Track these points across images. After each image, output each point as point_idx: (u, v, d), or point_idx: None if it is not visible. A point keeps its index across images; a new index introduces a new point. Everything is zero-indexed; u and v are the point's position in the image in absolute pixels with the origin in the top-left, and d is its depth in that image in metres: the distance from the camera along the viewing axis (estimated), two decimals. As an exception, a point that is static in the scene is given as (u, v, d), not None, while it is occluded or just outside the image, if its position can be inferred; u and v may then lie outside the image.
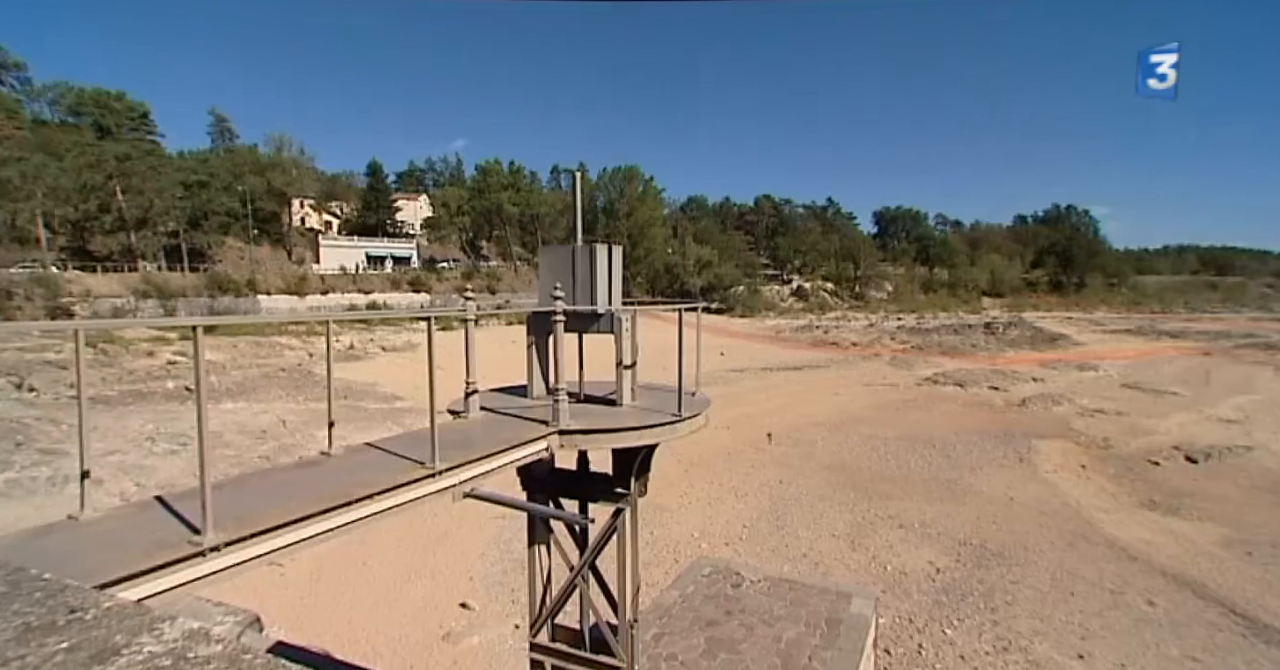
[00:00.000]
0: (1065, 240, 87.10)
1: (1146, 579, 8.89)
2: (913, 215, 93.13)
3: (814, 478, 13.66)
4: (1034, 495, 12.71)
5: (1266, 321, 53.56)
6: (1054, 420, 19.74)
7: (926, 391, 24.67)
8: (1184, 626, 7.56)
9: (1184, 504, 12.40)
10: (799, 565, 9.40)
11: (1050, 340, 40.81)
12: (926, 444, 16.50)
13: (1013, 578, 8.88)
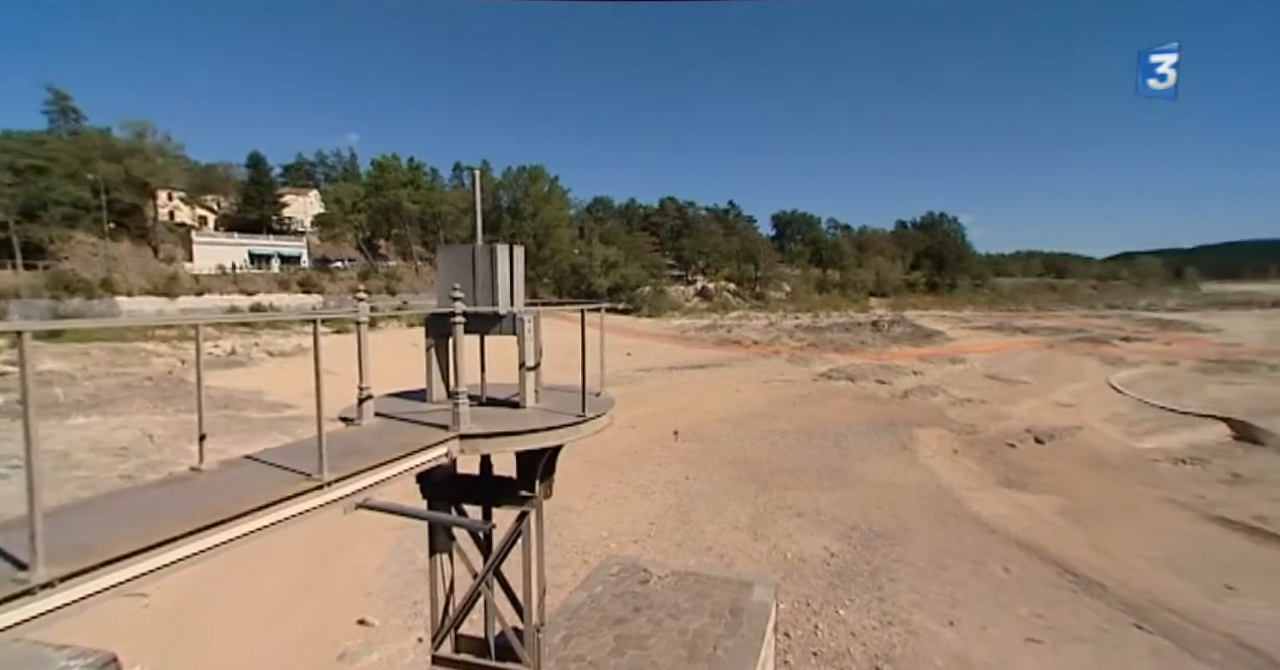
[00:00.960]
0: (938, 245, 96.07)
1: (1003, 548, 9.95)
2: (807, 219, 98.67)
3: (718, 473, 14.13)
4: (914, 479, 13.85)
5: (1092, 318, 61.49)
6: (931, 410, 21.58)
7: (821, 387, 26.18)
8: (1031, 586, 8.56)
9: (1032, 480, 14.04)
10: (704, 558, 9.69)
11: (927, 336, 44.61)
12: (821, 436, 17.53)
13: (895, 557, 9.63)
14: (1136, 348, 40.00)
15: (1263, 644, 7.16)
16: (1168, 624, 7.58)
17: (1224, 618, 7.81)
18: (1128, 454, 17.22)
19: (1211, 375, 30.32)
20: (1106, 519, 11.88)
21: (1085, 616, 7.83)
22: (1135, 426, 20.00)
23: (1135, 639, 7.28)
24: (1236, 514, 12.06)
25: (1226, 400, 24.43)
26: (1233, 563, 9.75)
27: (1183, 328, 53.17)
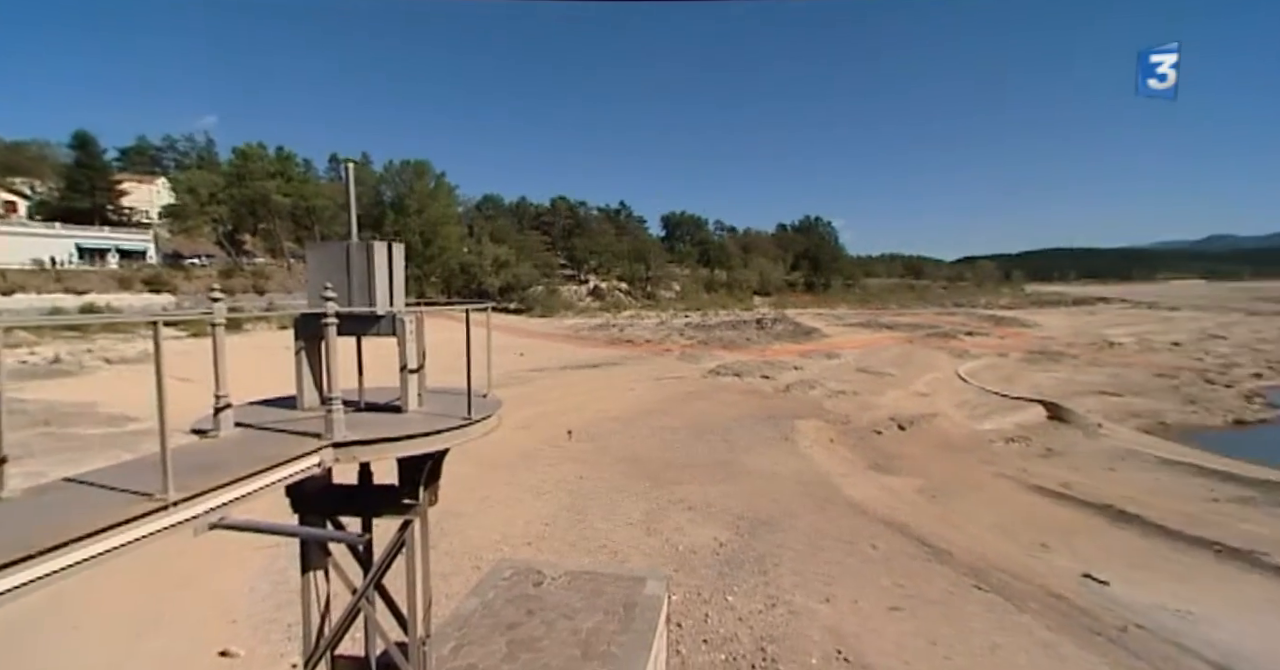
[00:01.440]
0: (815, 247, 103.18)
1: (872, 527, 10.90)
2: (696, 221, 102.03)
3: (611, 471, 14.28)
4: (794, 468, 14.78)
5: (943, 315, 68.85)
6: (810, 402, 23.11)
7: (710, 383, 27.19)
8: (894, 560, 9.46)
9: (895, 464, 15.50)
10: (598, 556, 9.76)
11: (806, 333, 47.69)
12: (710, 431, 18.22)
13: (778, 542, 10.23)
14: (977, 341, 45.27)
15: (1066, 592, 8.40)
16: (999, 582, 8.68)
17: (1038, 572, 9.08)
18: (971, 435, 19.46)
19: (1033, 364, 35.02)
20: (954, 494, 13.38)
21: (936, 582, 8.77)
22: (977, 411, 22.64)
23: (974, 598, 8.26)
24: (1048, 483, 14.07)
25: (1044, 386, 28.32)
26: (1046, 524, 11.37)
27: (1012, 324, 60.91)
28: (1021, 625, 7.62)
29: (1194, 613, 7.90)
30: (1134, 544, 10.66)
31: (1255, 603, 8.39)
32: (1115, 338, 49.21)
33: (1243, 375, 33.88)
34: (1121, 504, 12.56)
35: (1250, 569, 9.48)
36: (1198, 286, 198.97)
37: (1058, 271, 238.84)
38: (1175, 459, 16.75)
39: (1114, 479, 15.07)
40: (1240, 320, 68.79)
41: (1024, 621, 7.69)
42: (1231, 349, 45.01)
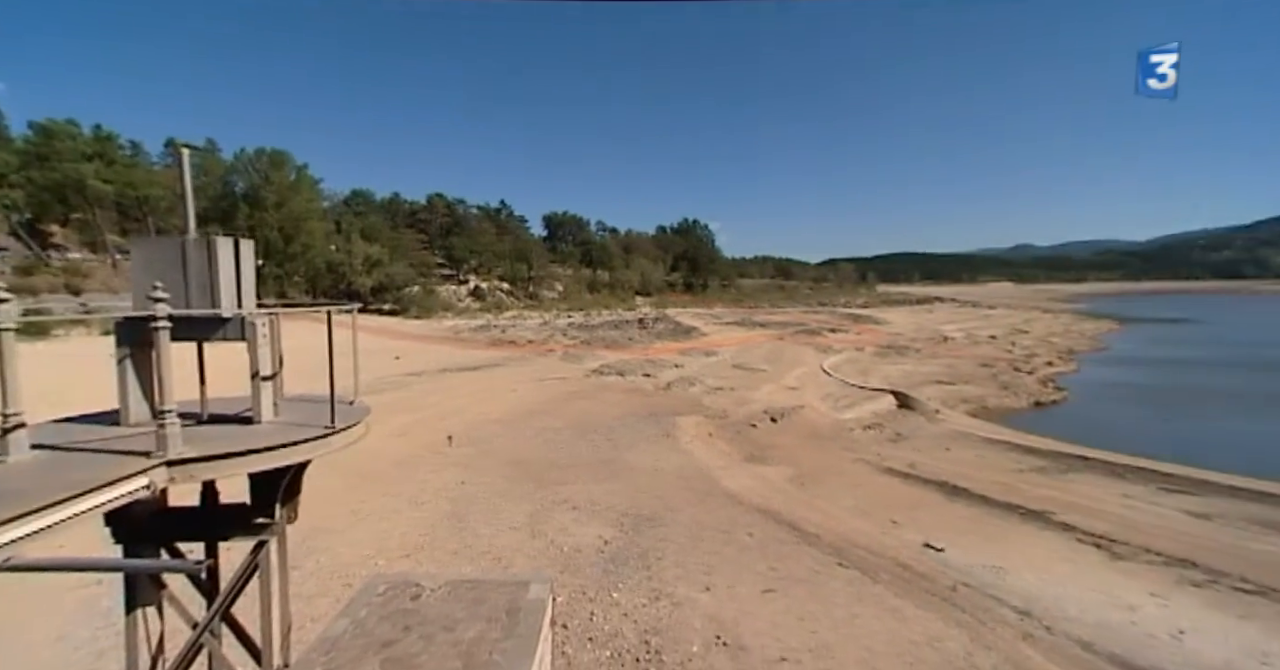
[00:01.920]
0: (693, 248, 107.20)
1: (748, 516, 11.53)
2: (578, 221, 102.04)
3: (494, 475, 13.92)
4: (676, 463, 15.26)
5: (809, 314, 74.45)
6: (690, 399, 23.95)
7: (593, 382, 27.33)
8: (768, 545, 10.08)
9: (769, 454, 16.52)
10: (481, 563, 9.49)
11: (686, 332, 49.37)
12: (594, 430, 18.32)
13: (661, 536, 10.52)
14: (839, 338, 49.39)
15: (911, 561, 9.43)
16: (857, 558, 9.55)
17: (889, 545, 10.12)
18: (834, 425, 21.18)
19: (885, 358, 38.83)
20: (820, 480, 14.50)
21: (805, 562, 9.47)
22: (839, 402, 24.68)
23: (837, 574, 9.02)
24: (898, 465, 15.72)
25: (893, 377, 31.52)
26: (896, 502, 12.69)
27: (868, 321, 67.17)
28: (875, 595, 8.43)
29: (1004, 567, 9.19)
30: (962, 513, 12.15)
31: (1046, 554, 9.94)
32: (948, 333, 55.92)
33: (1040, 363, 39.89)
34: (954, 479, 14.27)
35: (1045, 527, 11.21)
36: (1008, 288, 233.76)
37: (904, 274, 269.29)
38: (994, 438, 19.39)
39: (949, 458, 17.12)
40: (1037, 316, 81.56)
41: (877, 591, 8.52)
42: (1033, 341, 52.91)
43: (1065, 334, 61.30)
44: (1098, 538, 10.63)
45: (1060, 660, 6.97)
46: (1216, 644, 7.19)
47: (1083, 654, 7.07)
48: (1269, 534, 11.27)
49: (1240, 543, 10.66)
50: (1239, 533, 11.30)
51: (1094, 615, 7.90)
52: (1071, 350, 49.17)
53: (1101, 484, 14.63)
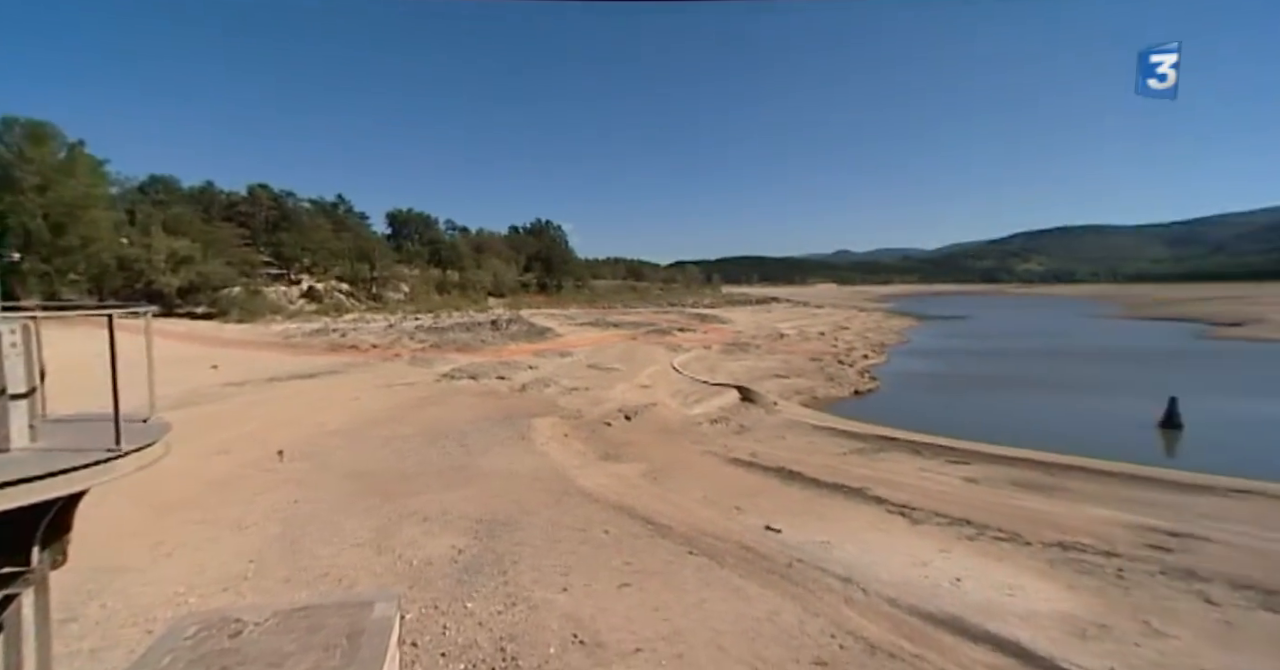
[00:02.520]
0: (547, 249, 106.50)
1: (604, 514, 11.78)
2: (425, 219, 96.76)
3: (333, 490, 12.83)
4: (532, 466, 15.14)
5: (660, 314, 77.58)
6: (545, 400, 23.84)
7: (444, 387, 26.16)
8: (623, 541, 10.40)
9: (623, 452, 16.99)
10: (319, 587, 8.72)
11: (540, 333, 48.97)
12: (445, 436, 17.57)
13: (517, 540, 10.40)
14: (688, 337, 51.98)
15: (753, 544, 10.28)
16: (706, 545, 10.20)
17: (734, 530, 10.93)
18: (684, 420, 22.30)
19: (730, 355, 41.62)
20: (672, 474, 15.20)
21: (658, 554, 9.90)
22: (689, 398, 26.01)
23: (689, 563, 9.56)
24: (741, 455, 16.99)
25: (737, 372, 33.91)
26: (740, 490, 13.71)
27: (714, 320, 71.45)
28: (722, 578, 9.06)
29: (830, 542, 10.35)
30: (797, 496, 13.44)
31: (863, 526, 11.36)
32: (784, 330, 61.34)
33: (858, 357, 45.20)
34: (790, 465, 15.72)
35: (863, 502, 12.79)
36: (832, 289, 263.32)
37: (744, 275, 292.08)
38: (822, 425, 21.67)
39: (785, 445, 18.82)
40: (855, 315, 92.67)
41: (724, 575, 9.16)
42: (852, 337, 59.89)
43: (877, 330, 70.14)
44: (901, 507, 12.31)
45: (873, 616, 8.01)
46: (981, 584, 8.71)
47: (889, 609, 8.18)
48: (1020, 492, 13.86)
49: (999, 500, 12.97)
50: (999, 492, 13.77)
51: (899, 574, 9.15)
52: (882, 344, 56.34)
53: (905, 460, 16.97)
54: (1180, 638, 7.35)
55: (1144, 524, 11.38)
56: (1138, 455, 18.86)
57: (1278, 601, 8.10)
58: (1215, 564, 9.43)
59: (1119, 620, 7.85)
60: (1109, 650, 7.14)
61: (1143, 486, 14.44)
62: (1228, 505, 12.96)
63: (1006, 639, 7.34)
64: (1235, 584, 8.65)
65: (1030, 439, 19.77)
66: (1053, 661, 6.90)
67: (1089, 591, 8.67)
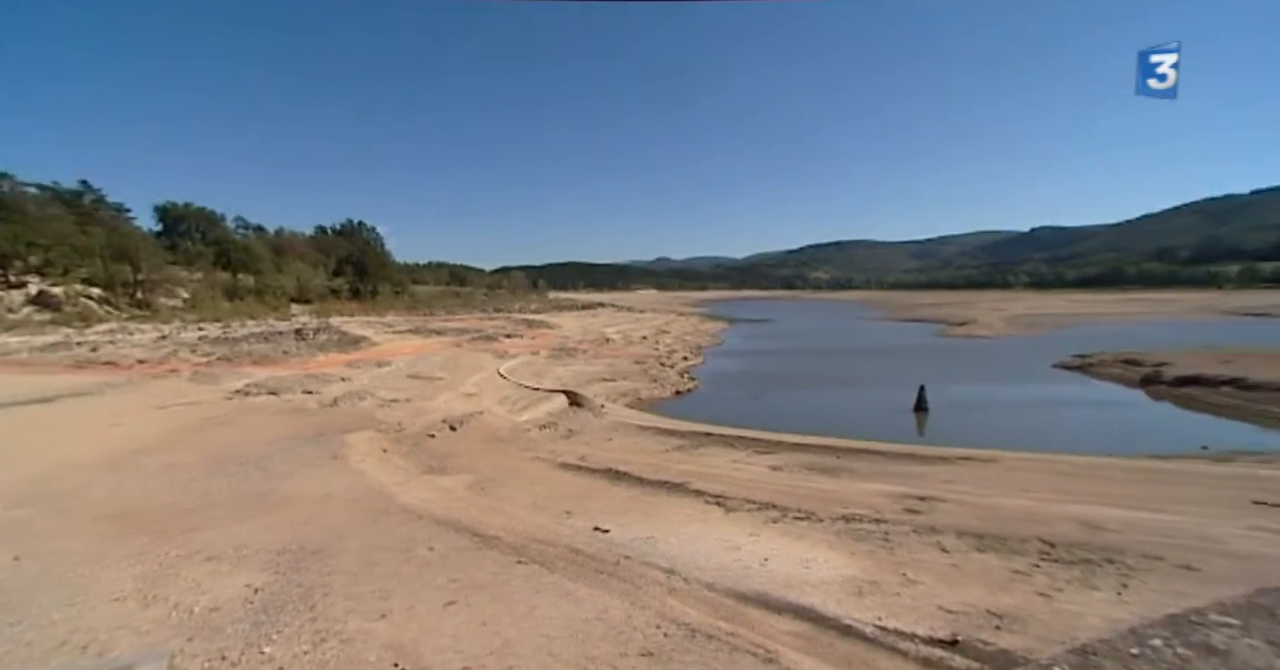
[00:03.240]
0: (360, 252, 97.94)
1: (428, 530, 11.25)
2: (207, 216, 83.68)
3: (81, 536, 10.62)
4: (346, 486, 13.91)
5: (486, 320, 75.59)
6: (361, 414, 21.99)
7: (237, 405, 22.93)
8: (449, 557, 10.04)
9: (448, 464, 16.33)
10: (54, 660, 7.20)
11: (354, 342, 44.96)
12: (238, 461, 15.45)
13: (328, 569, 9.53)
14: (515, 343, 51.26)
15: (582, 546, 10.54)
16: (536, 552, 10.22)
17: (564, 535, 11.10)
18: (513, 427, 22.01)
19: (557, 361, 41.89)
20: (501, 483, 14.95)
21: (486, 567, 9.71)
22: (517, 405, 25.73)
23: (518, 572, 9.51)
24: (570, 458, 17.26)
25: (564, 377, 34.29)
26: (569, 494, 13.94)
27: (541, 326, 71.29)
28: (552, 584, 9.16)
29: (655, 537, 10.97)
30: (624, 495, 14.00)
31: (684, 518, 12.19)
32: (610, 335, 63.21)
33: (679, 359, 48.22)
34: (617, 465, 16.30)
35: (684, 496, 13.71)
36: (654, 294, 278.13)
37: (571, 281, 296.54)
38: (646, 425, 22.77)
39: (612, 447, 19.46)
40: (675, 319, 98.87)
41: (554, 580, 9.26)
42: (672, 340, 63.75)
43: (695, 333, 75.34)
44: (717, 497, 13.42)
45: (694, 603, 8.65)
46: (785, 561, 9.86)
47: (708, 593, 8.90)
48: (814, 475, 15.88)
49: (798, 484, 14.74)
50: (798, 477, 15.65)
51: (716, 561, 9.98)
52: (699, 346, 60.65)
53: (721, 453, 18.49)
54: (925, 582, 8.99)
55: (903, 493, 13.67)
56: (898, 435, 22.71)
57: (986, 543, 10.28)
58: (948, 519, 11.67)
59: (885, 576, 9.37)
60: (878, 602, 8.50)
61: (902, 462, 17.34)
62: (957, 470, 16.10)
63: (804, 606, 8.37)
64: (960, 533, 10.80)
65: (822, 427, 22.70)
66: (838, 619, 8.03)
67: (864, 555, 10.22)
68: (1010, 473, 15.99)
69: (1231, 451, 20.77)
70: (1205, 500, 13.33)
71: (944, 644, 7.26)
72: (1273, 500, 12.84)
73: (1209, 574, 8.72)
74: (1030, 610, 7.99)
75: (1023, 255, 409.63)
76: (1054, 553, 9.82)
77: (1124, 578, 8.83)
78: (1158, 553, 9.60)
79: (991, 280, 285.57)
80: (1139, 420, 27.96)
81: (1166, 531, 10.80)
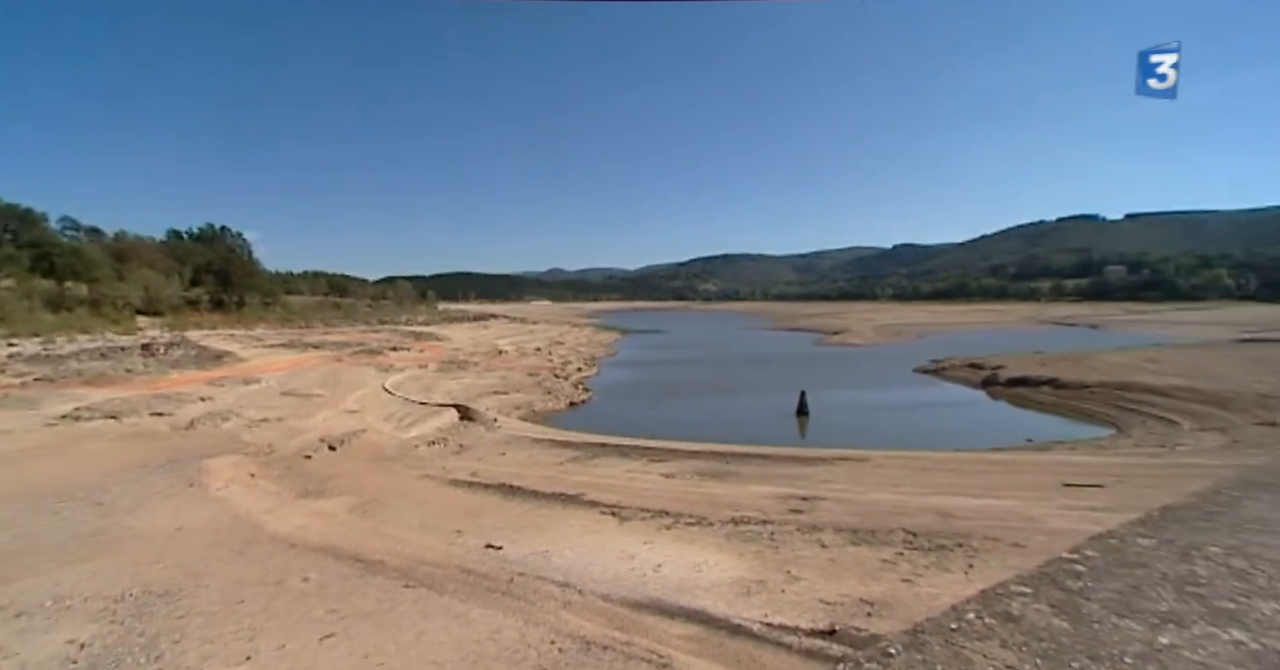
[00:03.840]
0: (223, 260, 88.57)
1: (303, 560, 10.41)
2: (20, 214, 72.26)
3: None
4: (206, 517, 12.55)
5: (369, 333, 71.37)
6: (224, 436, 19.92)
7: (63, 432, 19.95)
8: (328, 587, 9.35)
9: (328, 486, 15.21)
10: None
11: (216, 358, 40.64)
12: (66, 497, 13.44)
13: (180, 612, 8.55)
14: (401, 356, 48.73)
15: (473, 565, 10.24)
16: (424, 575, 9.78)
17: (454, 555, 10.72)
18: (400, 444, 20.91)
19: (447, 374, 40.37)
20: (386, 504, 14.15)
21: (370, 595, 9.15)
22: (403, 421, 24.47)
23: (404, 597, 9.05)
24: (462, 475, 16.70)
25: (455, 391, 33.13)
26: (461, 511, 13.47)
27: (430, 338, 68.36)
28: (442, 607, 8.80)
29: (550, 551, 10.87)
30: (519, 510, 13.74)
31: (580, 530, 12.19)
32: (502, 346, 61.91)
33: (573, 370, 48.17)
34: (511, 480, 15.97)
35: (579, 507, 13.70)
36: (548, 305, 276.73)
37: (462, 292, 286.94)
38: (542, 437, 22.51)
39: (506, 461, 19.04)
40: (569, 330, 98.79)
41: (444, 603, 8.91)
42: (567, 351, 63.64)
43: (589, 344, 75.58)
44: (613, 507, 13.53)
45: (589, 615, 8.66)
46: (677, 567, 10.14)
47: (604, 604, 8.95)
48: (705, 481, 16.47)
49: (690, 490, 15.23)
50: (689, 483, 16.16)
51: (611, 571, 10.06)
52: (594, 357, 60.90)
53: (615, 464, 18.68)
54: (807, 578, 9.62)
55: (787, 493, 14.53)
56: (783, 438, 24.11)
57: (860, 537, 11.18)
58: (827, 516, 12.57)
59: (771, 574, 9.90)
60: (765, 600, 8.96)
61: (786, 464, 18.43)
62: (835, 470, 17.38)
63: (696, 609, 8.65)
64: (838, 529, 11.67)
65: (712, 433, 23.60)
66: (728, 620, 8.38)
67: (752, 555, 10.75)
68: (880, 470, 17.49)
69: (1049, 442, 24.12)
70: (1030, 485, 15.36)
71: (823, 634, 7.81)
72: (1078, 482, 15.06)
73: (1031, 549, 10.06)
74: (897, 596, 8.80)
75: (887, 270, 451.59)
76: (916, 541, 10.87)
77: (970, 559, 9.96)
78: (996, 534, 10.92)
79: (861, 292, 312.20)
80: (982, 417, 31.75)
81: (1001, 515, 12.32)
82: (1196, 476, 14.17)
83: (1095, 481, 14.89)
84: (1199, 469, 15.96)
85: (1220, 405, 27.59)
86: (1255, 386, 30.50)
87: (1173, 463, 18.15)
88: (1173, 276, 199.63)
